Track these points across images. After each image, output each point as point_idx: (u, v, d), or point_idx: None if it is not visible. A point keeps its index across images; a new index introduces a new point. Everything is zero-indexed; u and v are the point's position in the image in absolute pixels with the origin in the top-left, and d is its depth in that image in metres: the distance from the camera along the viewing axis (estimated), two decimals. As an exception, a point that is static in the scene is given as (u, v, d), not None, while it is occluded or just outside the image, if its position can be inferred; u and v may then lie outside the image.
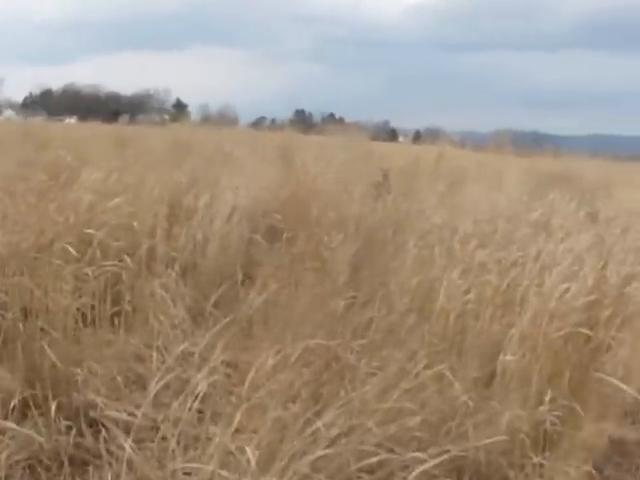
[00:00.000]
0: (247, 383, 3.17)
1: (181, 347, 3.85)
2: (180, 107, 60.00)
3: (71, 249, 4.76)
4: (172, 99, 68.93)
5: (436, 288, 4.65)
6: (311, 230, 5.66)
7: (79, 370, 4.15)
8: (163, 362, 4.49)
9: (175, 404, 3.41)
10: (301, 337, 3.49)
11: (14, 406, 3.76)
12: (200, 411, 3.44)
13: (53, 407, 3.79)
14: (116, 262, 5.11)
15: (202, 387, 3.26)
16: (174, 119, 33.65)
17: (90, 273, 4.77)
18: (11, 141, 12.74)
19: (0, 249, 4.81)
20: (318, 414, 3.12)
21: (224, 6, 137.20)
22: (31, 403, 3.87)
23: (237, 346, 3.87)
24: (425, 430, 3.33)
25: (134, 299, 5.07)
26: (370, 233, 6.44)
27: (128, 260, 5.11)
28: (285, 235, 6.04)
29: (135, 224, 5.75)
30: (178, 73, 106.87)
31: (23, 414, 3.84)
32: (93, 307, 4.80)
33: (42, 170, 7.24)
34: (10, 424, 3.50)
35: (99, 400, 3.96)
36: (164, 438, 3.37)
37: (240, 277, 5.49)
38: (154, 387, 3.43)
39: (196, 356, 3.93)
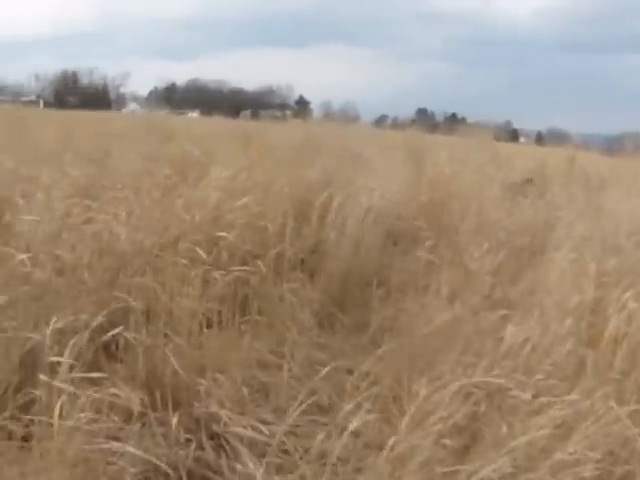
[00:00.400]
0: (404, 424, 2.75)
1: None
2: (303, 104, 60.74)
3: (199, 250, 4.49)
4: (294, 95, 70.02)
5: (600, 310, 4.12)
6: (451, 237, 5.26)
7: (202, 380, 3.92)
8: (289, 370, 4.25)
9: (320, 437, 3.05)
10: (461, 366, 3.09)
11: (133, 415, 3.50)
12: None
13: (175, 418, 3.51)
14: (247, 267, 4.80)
15: (355, 423, 2.85)
16: (296, 115, 33.99)
17: (218, 277, 4.48)
18: (135, 134, 12.87)
19: (125, 247, 4.60)
20: (476, 455, 2.71)
21: (350, 5, 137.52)
22: (150, 412, 3.62)
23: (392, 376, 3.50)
24: (596, 478, 2.86)
25: (261, 303, 4.79)
26: (513, 242, 5.99)
27: (261, 264, 4.80)
28: (427, 243, 5.63)
29: (264, 224, 5.46)
30: (302, 70, 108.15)
31: (142, 422, 3.59)
32: (220, 312, 4.52)
33: (167, 165, 7.10)
34: (128, 448, 3.21)
35: (223, 414, 3.70)
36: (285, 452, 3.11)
37: (375, 283, 5.17)
38: (292, 413, 3.11)
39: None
